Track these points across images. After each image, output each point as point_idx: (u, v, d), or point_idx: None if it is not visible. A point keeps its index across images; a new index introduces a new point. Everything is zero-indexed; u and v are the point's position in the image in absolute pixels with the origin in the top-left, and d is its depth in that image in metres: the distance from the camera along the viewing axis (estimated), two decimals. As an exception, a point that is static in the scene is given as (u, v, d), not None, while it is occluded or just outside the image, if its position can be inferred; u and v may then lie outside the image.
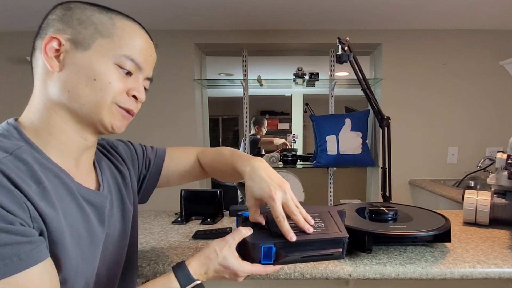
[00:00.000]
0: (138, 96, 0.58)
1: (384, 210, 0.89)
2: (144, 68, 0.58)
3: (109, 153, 0.70)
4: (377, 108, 1.37)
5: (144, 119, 2.22)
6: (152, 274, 0.76)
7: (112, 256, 0.61)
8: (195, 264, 0.55)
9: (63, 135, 0.54)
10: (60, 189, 0.50)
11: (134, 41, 0.56)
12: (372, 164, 2.19)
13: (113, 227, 0.61)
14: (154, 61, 0.63)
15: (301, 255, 0.58)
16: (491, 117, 2.21)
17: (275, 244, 0.56)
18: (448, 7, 1.84)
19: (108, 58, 0.53)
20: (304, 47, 2.34)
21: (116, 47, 0.54)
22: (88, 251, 0.52)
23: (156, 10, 1.88)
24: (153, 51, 0.62)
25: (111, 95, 0.54)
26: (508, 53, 2.13)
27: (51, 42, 0.52)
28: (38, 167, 0.48)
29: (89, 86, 0.52)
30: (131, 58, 0.55)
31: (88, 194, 0.55)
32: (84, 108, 0.53)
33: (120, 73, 0.55)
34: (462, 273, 0.73)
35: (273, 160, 2.30)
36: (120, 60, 0.54)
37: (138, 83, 0.58)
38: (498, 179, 1.03)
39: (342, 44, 1.30)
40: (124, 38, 0.55)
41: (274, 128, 5.55)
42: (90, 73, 0.52)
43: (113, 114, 0.56)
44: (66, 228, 0.48)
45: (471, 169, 1.99)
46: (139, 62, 0.56)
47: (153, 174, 0.78)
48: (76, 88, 0.52)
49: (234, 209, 1.16)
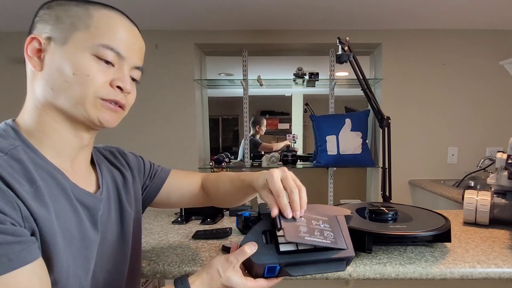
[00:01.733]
0: (122, 87, 0.55)
1: (384, 210, 0.89)
2: (127, 56, 0.55)
3: (115, 158, 0.70)
4: (377, 108, 1.37)
5: (144, 119, 2.22)
6: (152, 274, 0.76)
7: (111, 261, 0.59)
8: (198, 284, 0.54)
9: (56, 134, 0.53)
10: (54, 189, 0.50)
11: (112, 30, 0.53)
12: (372, 164, 2.19)
13: (110, 230, 0.60)
14: (141, 49, 0.60)
15: (305, 273, 0.57)
16: (491, 117, 2.21)
17: (280, 264, 0.56)
18: (448, 7, 1.84)
19: (85, 50, 0.52)
20: (304, 47, 2.34)
21: (93, 38, 0.52)
22: (79, 253, 0.51)
23: (156, 10, 1.88)
24: (138, 38, 0.59)
25: (92, 88, 0.52)
26: (508, 53, 2.13)
27: (31, 42, 0.52)
28: (33, 166, 0.48)
29: (69, 82, 0.51)
30: (110, 47, 0.53)
31: (82, 195, 0.54)
32: (68, 104, 0.52)
33: (100, 64, 0.53)
34: (462, 273, 0.73)
35: (273, 160, 2.30)
36: (98, 51, 0.52)
37: (123, 73, 0.55)
38: (498, 179, 1.03)
39: (342, 44, 1.30)
40: (101, 28, 0.53)
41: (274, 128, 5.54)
42: (68, 68, 0.51)
43: (98, 108, 0.54)
44: (58, 229, 0.48)
45: (471, 169, 1.99)
46: (119, 51, 0.54)
47: (155, 185, 0.77)
48: (57, 85, 0.51)
49: (234, 209, 1.16)
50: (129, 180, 0.69)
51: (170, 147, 2.25)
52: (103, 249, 0.57)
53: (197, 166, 2.26)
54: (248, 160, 2.36)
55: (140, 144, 2.21)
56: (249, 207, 1.17)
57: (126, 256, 0.63)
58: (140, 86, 0.62)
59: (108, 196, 0.61)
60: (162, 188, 0.77)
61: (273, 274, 0.56)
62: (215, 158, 2.30)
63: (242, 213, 1.00)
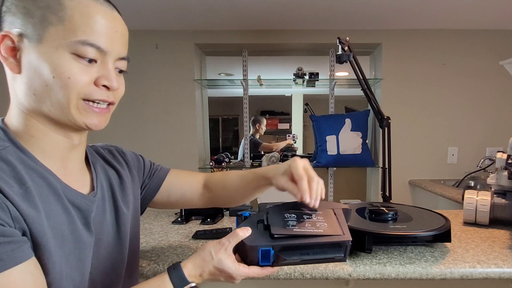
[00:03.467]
0: (109, 85, 0.51)
1: (384, 210, 0.89)
2: (110, 49, 0.50)
3: (113, 157, 0.68)
4: (377, 108, 1.37)
5: (144, 119, 2.22)
6: (152, 274, 0.76)
7: (108, 262, 0.58)
8: (190, 266, 0.54)
9: (45, 136, 0.51)
10: (45, 190, 0.48)
11: (89, 21, 0.48)
12: (372, 164, 2.19)
13: (106, 232, 0.58)
14: (124, 36, 0.54)
15: (300, 258, 0.57)
16: (491, 117, 2.21)
17: (274, 247, 0.55)
18: (448, 7, 1.84)
19: (63, 48, 0.47)
20: (304, 47, 2.34)
21: (69, 34, 0.46)
22: (72, 255, 0.50)
23: (156, 10, 1.88)
24: (119, 24, 0.52)
25: (75, 91, 0.48)
26: (508, 53, 2.13)
27: (4, 41, 0.47)
28: (23, 167, 0.47)
29: (50, 86, 0.47)
30: (89, 42, 0.48)
31: (74, 197, 0.53)
32: (53, 109, 0.49)
33: (81, 64, 0.48)
34: (462, 273, 0.73)
35: (273, 160, 2.29)
36: (76, 49, 0.47)
37: (107, 69, 0.51)
38: (498, 179, 1.03)
39: (342, 44, 1.29)
40: (75, 20, 0.47)
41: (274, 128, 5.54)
42: (47, 70, 0.46)
43: (82, 113, 0.50)
44: (49, 230, 0.47)
45: (471, 169, 1.99)
46: (101, 45, 0.49)
47: (154, 183, 0.76)
48: (39, 90, 0.48)
49: (234, 209, 1.16)
50: (126, 179, 0.67)
51: (170, 147, 2.25)
52: (99, 251, 0.56)
53: (197, 166, 2.26)
54: (248, 160, 2.36)
55: (140, 144, 2.21)
56: (249, 207, 1.17)
57: (123, 257, 0.62)
58: (140, 86, 0.62)
59: (102, 197, 0.59)
60: (161, 187, 0.76)
61: (268, 261, 0.56)
62: (215, 158, 2.30)
63: (242, 213, 1.00)
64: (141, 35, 2.18)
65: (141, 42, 2.18)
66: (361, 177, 2.75)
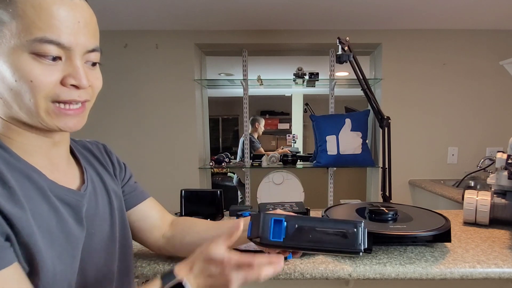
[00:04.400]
0: (77, 84, 0.47)
1: (384, 210, 0.89)
2: (74, 44, 0.45)
3: (100, 154, 0.67)
4: (377, 108, 1.37)
5: (144, 119, 2.22)
6: (152, 274, 0.76)
7: (101, 257, 0.57)
8: (181, 264, 0.50)
9: (23, 138, 0.49)
10: (29, 189, 0.46)
11: (44, 14, 0.42)
12: (372, 164, 2.19)
13: (99, 226, 0.57)
14: (89, 24, 0.47)
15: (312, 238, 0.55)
16: (491, 117, 2.21)
17: (286, 218, 0.55)
18: (448, 7, 1.84)
19: (20, 49, 0.42)
20: (304, 47, 2.34)
21: (23, 32, 0.42)
22: (65, 252, 0.49)
23: (156, 10, 1.88)
24: (81, 12, 0.46)
25: (41, 94, 0.44)
26: (508, 53, 2.13)
27: None
28: (5, 167, 0.45)
29: (15, 90, 0.44)
30: (48, 39, 0.43)
31: (62, 193, 0.51)
32: (22, 114, 0.46)
33: (43, 63, 0.44)
34: (462, 273, 0.73)
35: (273, 160, 2.30)
36: (35, 48, 0.42)
37: (74, 66, 0.46)
38: (498, 179, 1.02)
39: (342, 44, 1.29)
40: (29, 16, 0.42)
41: (274, 128, 5.55)
42: (8, 73, 0.43)
43: (53, 116, 0.47)
44: (36, 229, 0.45)
45: (471, 169, 1.98)
46: (62, 41, 0.44)
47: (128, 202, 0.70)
48: (4, 95, 0.45)
49: (234, 209, 1.16)
50: (113, 175, 0.66)
51: (170, 147, 2.24)
52: (91, 245, 0.54)
53: (197, 166, 2.26)
54: (248, 160, 2.36)
55: (139, 144, 2.21)
56: (249, 207, 1.17)
57: (115, 252, 0.61)
58: (140, 86, 0.61)
59: (94, 191, 0.58)
60: (132, 209, 0.70)
61: (279, 237, 0.55)
62: (215, 158, 2.30)
63: (242, 213, 1.00)
64: (141, 35, 2.18)
65: (141, 42, 2.18)
66: (361, 177, 2.75)
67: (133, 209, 0.70)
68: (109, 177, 0.66)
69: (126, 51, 2.18)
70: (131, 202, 0.70)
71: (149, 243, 0.74)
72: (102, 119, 2.13)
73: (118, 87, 2.16)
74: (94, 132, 0.74)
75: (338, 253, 0.59)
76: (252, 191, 2.35)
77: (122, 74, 2.17)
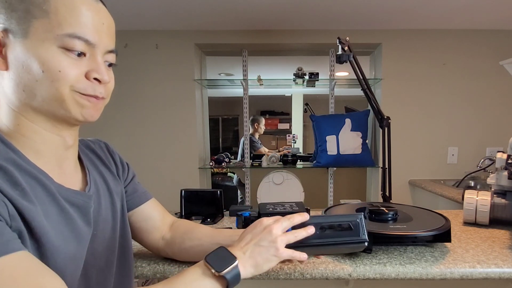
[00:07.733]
0: (100, 78, 0.50)
1: (384, 210, 0.89)
2: (98, 42, 0.50)
3: (103, 153, 0.67)
4: (377, 108, 1.37)
5: (144, 119, 2.22)
6: (152, 274, 0.76)
7: (103, 258, 0.58)
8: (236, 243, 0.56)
9: (37, 136, 0.50)
10: (39, 192, 0.47)
11: (75, 13, 0.47)
12: (372, 164, 2.19)
13: (102, 227, 0.58)
14: (111, 28, 0.53)
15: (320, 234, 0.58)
16: (491, 117, 2.21)
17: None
18: (448, 7, 1.84)
19: (50, 42, 0.46)
20: (304, 47, 2.34)
21: (55, 27, 0.46)
22: (77, 253, 0.50)
23: (156, 10, 1.88)
24: (105, 16, 0.52)
25: (67, 84, 0.48)
26: (508, 53, 2.13)
27: None
28: (15, 169, 0.46)
29: (40, 81, 0.46)
30: (77, 35, 0.47)
31: (70, 195, 0.52)
32: (45, 104, 0.48)
33: (70, 57, 0.47)
34: (462, 273, 0.72)
35: (273, 160, 2.30)
36: (64, 42, 0.46)
37: (97, 62, 0.50)
38: (498, 179, 1.02)
39: (342, 44, 1.29)
40: (61, 13, 0.46)
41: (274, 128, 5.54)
42: (35, 65, 0.46)
43: (79, 103, 0.50)
44: (49, 228, 0.46)
45: (471, 169, 1.98)
46: (89, 38, 0.48)
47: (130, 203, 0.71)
48: (29, 86, 0.47)
49: (234, 209, 1.16)
50: (115, 175, 0.67)
51: (170, 147, 2.24)
52: (94, 246, 0.55)
53: (197, 166, 2.26)
54: (248, 160, 2.36)
55: (139, 144, 2.21)
56: (249, 207, 1.17)
57: (114, 251, 0.61)
58: (141, 86, 0.61)
59: (97, 192, 0.59)
60: (133, 210, 0.71)
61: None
62: (215, 158, 2.30)
63: (242, 213, 1.00)
64: (141, 35, 2.18)
65: (141, 42, 2.18)
66: (361, 177, 2.75)
67: (135, 210, 0.71)
68: (112, 177, 0.66)
69: (126, 51, 2.18)
70: (133, 203, 0.71)
71: (148, 244, 0.75)
72: (101, 118, 2.08)
73: (118, 87, 2.11)
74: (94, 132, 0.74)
75: (345, 245, 0.60)
76: (252, 191, 2.35)
77: (122, 74, 2.16)
